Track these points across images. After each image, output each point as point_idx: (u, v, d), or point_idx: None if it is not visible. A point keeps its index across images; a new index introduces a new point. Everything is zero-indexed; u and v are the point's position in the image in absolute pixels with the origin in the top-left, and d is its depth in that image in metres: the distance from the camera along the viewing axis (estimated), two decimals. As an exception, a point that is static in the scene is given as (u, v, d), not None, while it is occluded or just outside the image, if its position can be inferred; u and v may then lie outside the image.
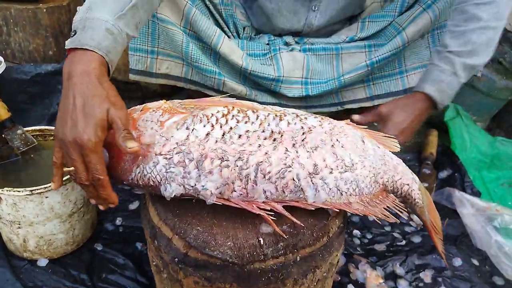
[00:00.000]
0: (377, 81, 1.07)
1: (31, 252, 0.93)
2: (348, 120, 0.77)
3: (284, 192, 0.64)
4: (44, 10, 1.31)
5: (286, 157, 0.64)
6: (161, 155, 0.64)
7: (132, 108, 0.72)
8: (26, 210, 0.85)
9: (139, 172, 0.65)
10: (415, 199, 0.75)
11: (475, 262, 1.05)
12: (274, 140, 0.65)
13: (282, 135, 0.66)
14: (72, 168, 0.61)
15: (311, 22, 1.07)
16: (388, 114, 0.90)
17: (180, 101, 0.73)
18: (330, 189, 0.65)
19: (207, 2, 1.01)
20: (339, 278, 0.99)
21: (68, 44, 0.64)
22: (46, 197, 0.85)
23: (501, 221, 1.02)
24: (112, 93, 0.62)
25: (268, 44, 1.10)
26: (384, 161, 0.71)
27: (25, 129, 0.97)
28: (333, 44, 1.07)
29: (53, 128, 0.99)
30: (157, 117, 0.68)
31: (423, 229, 1.14)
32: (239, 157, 0.63)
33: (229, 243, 0.62)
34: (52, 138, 1.01)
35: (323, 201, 0.65)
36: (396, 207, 0.70)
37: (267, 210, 0.63)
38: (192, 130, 0.65)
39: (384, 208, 0.68)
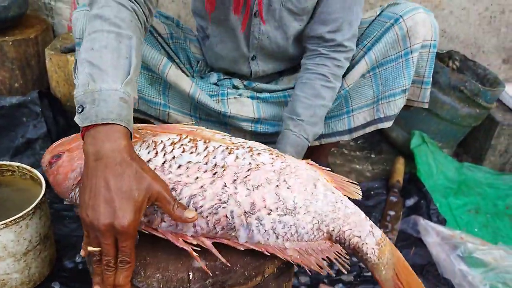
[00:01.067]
0: (325, 121, 1.07)
1: (-17, 293, 0.89)
2: (309, 160, 0.76)
3: (215, 228, 0.63)
4: (10, 43, 1.31)
5: (222, 193, 0.63)
6: None
7: None
8: (-23, 249, 0.82)
9: (77, 192, 0.66)
10: (366, 254, 0.69)
11: (441, 291, 1.05)
12: (215, 173, 0.64)
13: (224, 169, 0.65)
14: (98, 249, 0.58)
15: (255, 69, 1.07)
16: None
17: (140, 125, 0.73)
18: (265, 230, 0.63)
19: (155, 35, 1.02)
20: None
21: (82, 120, 0.59)
22: (-2, 236, 0.82)
23: (464, 249, 1.03)
24: (146, 167, 0.59)
25: (216, 84, 1.10)
26: (334, 208, 0.68)
27: (-18, 164, 0.94)
28: (280, 92, 1.08)
29: (10, 163, 0.98)
30: None
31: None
32: (173, 188, 0.62)
33: (157, 275, 0.61)
34: (9, 173, 0.98)
35: (256, 242, 0.63)
36: (338, 259, 0.66)
37: (195, 245, 0.61)
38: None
39: (323, 258, 0.65)
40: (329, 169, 0.76)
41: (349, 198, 0.73)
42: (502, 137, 1.55)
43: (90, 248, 0.58)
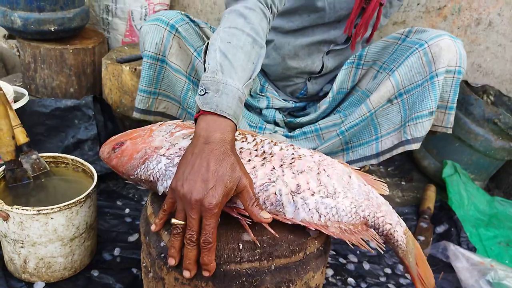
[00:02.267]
0: (356, 149, 1.12)
1: (29, 274, 0.95)
2: (341, 159, 0.81)
3: (265, 203, 0.69)
4: (70, 51, 1.43)
5: (271, 174, 0.70)
6: (164, 156, 0.73)
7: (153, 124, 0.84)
8: (31, 230, 0.89)
9: (144, 168, 0.74)
10: (397, 240, 0.76)
11: (470, 317, 1.04)
12: (264, 158, 0.72)
13: (272, 156, 0.73)
14: (182, 222, 0.63)
15: (326, 64, 1.17)
16: None
17: (192, 121, 0.82)
18: (309, 209, 0.69)
19: None
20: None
21: (203, 104, 0.67)
22: (51, 219, 0.89)
23: (494, 275, 1.02)
24: (240, 162, 0.66)
25: (261, 112, 1.18)
26: (368, 197, 0.75)
27: (40, 155, 1.03)
28: (312, 125, 1.15)
29: (65, 156, 1.06)
30: (170, 129, 0.80)
31: (419, 281, 1.14)
32: None
33: None
34: (63, 165, 1.07)
35: (301, 219, 0.69)
36: (374, 241, 0.72)
37: (248, 218, 0.66)
38: None
39: (362, 239, 0.70)
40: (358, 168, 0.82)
41: None
42: (536, 173, 1.53)
43: (174, 220, 0.63)
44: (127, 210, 1.26)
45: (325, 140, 1.12)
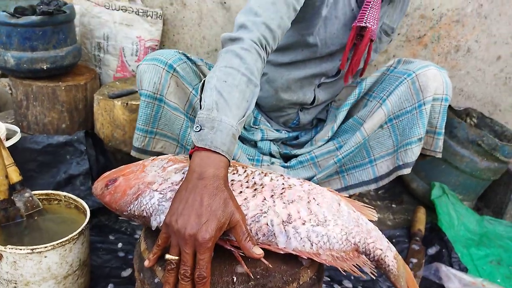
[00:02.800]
0: (350, 171, 1.16)
1: (22, 314, 0.94)
2: (330, 187, 0.84)
3: (257, 234, 0.71)
4: (63, 88, 1.45)
5: (263, 205, 0.72)
6: (157, 191, 0.75)
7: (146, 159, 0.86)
8: (25, 269, 0.89)
9: (137, 204, 0.76)
10: (388, 265, 0.77)
11: None
12: (255, 189, 0.75)
13: (263, 187, 0.75)
14: (177, 258, 0.64)
15: (318, 96, 1.21)
16: None
17: (185, 156, 0.85)
18: (301, 238, 0.71)
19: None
20: None
21: (198, 140, 0.70)
22: (45, 257, 0.89)
23: (487, 296, 1.04)
24: (233, 198, 0.68)
25: (256, 145, 1.22)
26: (358, 223, 0.77)
27: (33, 192, 1.03)
28: (307, 154, 1.18)
29: (58, 192, 1.07)
30: (162, 164, 0.82)
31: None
32: None
33: None
34: (56, 202, 1.07)
35: (293, 248, 0.70)
36: (366, 266, 0.73)
37: (241, 250, 0.68)
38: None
39: (354, 265, 0.72)
40: (347, 195, 0.84)
41: None
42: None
43: (168, 256, 0.64)
44: (119, 245, 1.26)
45: (322, 168, 1.14)
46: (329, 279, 1.21)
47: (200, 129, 0.71)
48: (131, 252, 1.23)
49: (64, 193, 1.07)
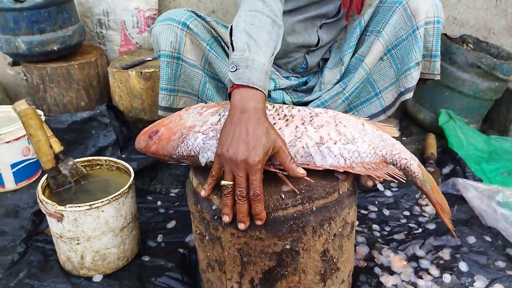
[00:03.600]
0: (359, 107, 1.23)
1: (87, 268, 1.03)
2: (351, 114, 0.92)
3: (296, 157, 0.79)
4: (76, 66, 1.50)
5: (296, 131, 0.81)
6: (200, 132, 0.84)
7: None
8: (85, 225, 0.97)
9: (183, 146, 0.84)
10: (414, 172, 0.87)
11: (488, 238, 1.14)
12: (287, 120, 0.83)
13: (293, 117, 0.84)
14: (231, 182, 0.72)
15: (321, 37, 1.27)
16: None
17: (215, 103, 0.93)
18: (335, 155, 0.79)
19: (223, 44, 1.18)
20: (366, 264, 1.08)
21: (236, 78, 0.76)
22: (102, 211, 0.97)
23: (503, 196, 1.13)
24: (274, 128, 0.75)
25: (269, 95, 1.27)
26: (382, 139, 0.86)
27: (75, 160, 1.11)
28: (318, 100, 1.24)
29: (99, 158, 1.14)
30: (197, 111, 0.89)
31: (437, 217, 1.25)
32: None
33: None
34: (98, 167, 1.15)
35: (330, 165, 0.79)
36: (397, 174, 0.82)
37: (283, 171, 0.76)
38: (223, 115, 0.85)
39: (385, 173, 0.81)
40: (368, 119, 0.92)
41: None
42: (523, 107, 1.66)
43: (224, 182, 0.72)
44: (159, 203, 1.34)
45: (332, 109, 1.21)
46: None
47: (236, 69, 0.77)
48: (170, 208, 1.32)
49: (105, 157, 1.14)
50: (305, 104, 1.28)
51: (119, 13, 1.68)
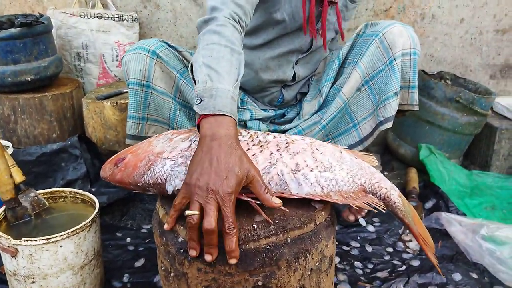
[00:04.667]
0: (337, 138, 1.21)
1: (42, 311, 0.94)
2: (329, 142, 0.89)
3: (270, 184, 0.74)
4: (50, 97, 1.46)
5: (271, 158, 0.76)
6: (168, 158, 0.78)
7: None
8: (41, 261, 0.89)
9: (150, 173, 0.79)
10: (395, 202, 0.81)
11: (474, 275, 1.09)
12: (261, 146, 0.79)
13: (268, 143, 0.80)
14: (198, 212, 0.65)
15: (297, 73, 1.25)
16: None
17: (186, 129, 0.89)
18: (311, 183, 0.75)
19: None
20: (348, 304, 1.01)
21: (202, 109, 0.74)
22: (61, 246, 0.90)
23: (488, 229, 1.09)
24: (247, 156, 0.71)
25: (245, 124, 1.25)
26: (361, 167, 0.82)
27: (38, 192, 1.04)
28: (295, 128, 1.23)
29: (63, 189, 1.08)
30: (167, 137, 0.85)
31: (421, 253, 1.20)
32: None
33: None
34: (62, 199, 1.08)
35: (306, 193, 0.74)
36: (377, 204, 0.77)
37: (257, 199, 0.71)
38: (194, 141, 0.80)
39: (363, 202, 0.76)
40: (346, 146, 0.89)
41: None
42: (503, 141, 1.65)
43: (189, 212, 0.66)
44: (128, 239, 1.27)
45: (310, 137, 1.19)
46: (337, 243, 1.24)
47: (201, 100, 0.75)
48: (140, 245, 1.24)
49: (70, 189, 1.07)
50: (283, 132, 1.25)
51: (98, 47, 1.67)
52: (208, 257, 0.67)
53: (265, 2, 1.11)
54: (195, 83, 0.80)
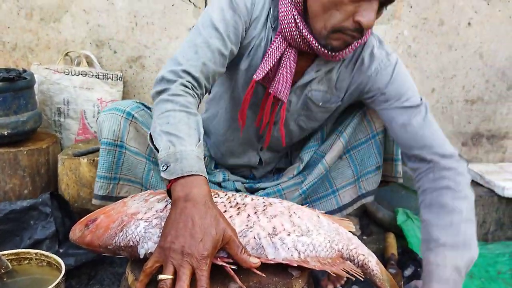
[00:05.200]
0: (315, 203, 1.22)
1: None
2: (306, 206, 0.89)
3: (246, 248, 0.72)
4: (25, 153, 1.43)
5: (248, 220, 0.76)
6: (142, 219, 0.77)
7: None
8: (-4, 333, 0.82)
9: (122, 235, 0.76)
10: (373, 270, 0.82)
11: None
12: (238, 208, 0.79)
13: (245, 206, 0.80)
14: (171, 276, 0.64)
15: (263, 158, 1.25)
16: None
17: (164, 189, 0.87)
18: (288, 248, 0.74)
19: None
20: None
21: (169, 175, 0.73)
22: (20, 317, 0.83)
23: (466, 300, 1.07)
24: (222, 214, 0.71)
25: (220, 184, 1.24)
26: (338, 232, 0.82)
27: (1, 252, 0.98)
28: (274, 187, 1.22)
29: (28, 250, 1.02)
30: (143, 197, 0.84)
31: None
32: None
33: None
34: (26, 261, 1.02)
35: (282, 258, 0.73)
36: (354, 271, 0.77)
37: (232, 264, 0.70)
38: (170, 202, 0.78)
39: (341, 269, 0.75)
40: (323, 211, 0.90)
41: None
42: (477, 208, 1.67)
43: (162, 276, 0.64)
44: (94, 306, 1.19)
45: (288, 200, 1.18)
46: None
47: (167, 167, 0.75)
48: (107, 312, 1.17)
49: (35, 250, 1.02)
50: (261, 189, 1.24)
51: (80, 103, 1.68)
52: None
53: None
54: (157, 151, 0.79)
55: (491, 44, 1.88)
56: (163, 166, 0.75)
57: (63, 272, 0.94)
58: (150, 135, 0.83)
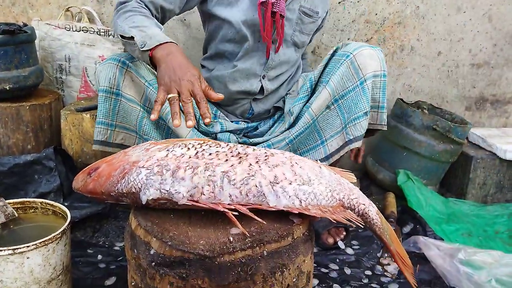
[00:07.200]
0: (305, 154, 1.23)
1: (2, 328, 0.88)
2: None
3: (247, 196, 0.74)
4: (27, 108, 1.43)
5: (249, 169, 0.76)
6: (143, 167, 0.77)
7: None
8: (5, 274, 0.84)
9: (124, 182, 0.77)
10: (373, 219, 0.83)
11: (452, 300, 1.09)
12: (240, 157, 0.79)
13: (247, 155, 0.80)
14: (176, 95, 0.89)
15: (266, 87, 1.27)
16: None
17: (165, 140, 0.88)
18: (289, 196, 0.75)
19: None
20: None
21: (149, 46, 0.97)
22: (28, 258, 0.85)
23: (465, 254, 1.10)
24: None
25: (215, 137, 1.26)
26: (340, 182, 0.82)
27: (7, 201, 0.99)
28: (265, 143, 1.25)
29: (34, 200, 1.04)
30: (144, 147, 0.84)
31: (399, 277, 1.19)
32: (207, 167, 0.75)
33: (202, 241, 0.69)
34: (32, 210, 1.03)
35: (284, 205, 0.74)
36: (355, 219, 0.78)
37: (233, 211, 0.71)
38: (171, 151, 0.79)
39: (343, 218, 0.76)
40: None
41: None
42: (478, 170, 1.69)
43: (170, 95, 0.90)
44: (99, 257, 1.21)
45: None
46: (316, 265, 1.22)
47: (144, 43, 0.97)
48: (112, 263, 1.19)
49: (41, 200, 1.03)
50: (253, 146, 1.25)
51: (82, 60, 1.65)
52: (189, 123, 0.85)
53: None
54: (132, 39, 0.99)
55: (501, 6, 1.83)
56: (141, 44, 0.97)
57: (68, 219, 0.95)
58: (120, 35, 1.03)
